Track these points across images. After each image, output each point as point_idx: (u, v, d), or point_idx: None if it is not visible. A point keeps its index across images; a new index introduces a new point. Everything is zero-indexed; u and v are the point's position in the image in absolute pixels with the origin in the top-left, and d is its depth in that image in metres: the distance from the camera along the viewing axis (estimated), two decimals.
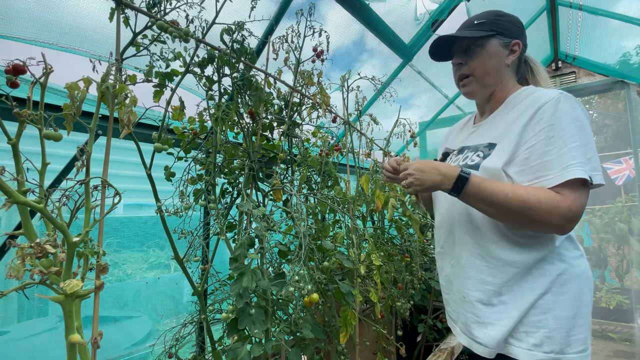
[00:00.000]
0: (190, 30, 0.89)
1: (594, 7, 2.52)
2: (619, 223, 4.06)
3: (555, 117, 0.84)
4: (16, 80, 0.61)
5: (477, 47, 0.98)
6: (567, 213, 0.79)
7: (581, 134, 0.82)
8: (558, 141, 0.82)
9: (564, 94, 0.86)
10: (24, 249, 0.58)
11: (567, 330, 0.86)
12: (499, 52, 0.97)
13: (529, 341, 0.88)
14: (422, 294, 2.04)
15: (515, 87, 1.00)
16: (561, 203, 0.80)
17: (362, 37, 1.98)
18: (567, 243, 0.90)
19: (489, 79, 0.99)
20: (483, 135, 0.99)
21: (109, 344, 1.98)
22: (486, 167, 0.91)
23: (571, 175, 0.79)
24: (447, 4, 2.04)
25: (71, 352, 0.64)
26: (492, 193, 0.85)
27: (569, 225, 0.81)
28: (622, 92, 3.16)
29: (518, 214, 0.84)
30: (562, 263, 0.88)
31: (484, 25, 0.97)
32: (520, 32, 1.00)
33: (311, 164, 1.36)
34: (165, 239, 0.95)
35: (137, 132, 0.85)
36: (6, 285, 1.16)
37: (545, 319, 0.87)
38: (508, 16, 1.00)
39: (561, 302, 0.87)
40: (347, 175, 1.52)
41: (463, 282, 0.99)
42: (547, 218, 0.80)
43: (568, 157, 0.81)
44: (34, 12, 1.03)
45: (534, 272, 0.89)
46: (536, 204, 0.81)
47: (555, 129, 0.83)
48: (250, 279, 0.85)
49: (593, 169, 0.81)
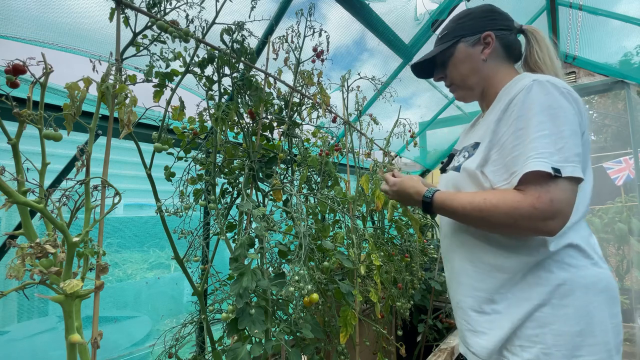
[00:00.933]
0: (190, 30, 0.89)
1: (594, 7, 2.52)
2: (619, 223, 4.06)
3: (525, 106, 0.76)
4: (16, 80, 0.61)
5: (446, 58, 0.98)
6: (533, 212, 0.71)
7: (552, 122, 0.73)
8: (524, 134, 0.75)
9: (539, 80, 0.77)
10: (24, 249, 0.58)
11: (571, 349, 0.76)
12: (469, 53, 0.94)
13: (523, 356, 0.80)
14: (422, 294, 2.04)
15: (508, 77, 0.92)
16: (522, 203, 0.72)
17: (362, 36, 1.98)
18: (570, 250, 0.80)
19: (470, 81, 0.97)
20: (475, 134, 0.96)
21: (109, 344, 1.98)
22: (465, 168, 0.88)
23: (525, 168, 0.72)
24: (447, 4, 2.04)
25: (71, 352, 0.64)
26: (453, 209, 0.84)
27: (543, 224, 0.72)
28: (622, 92, 3.16)
29: (483, 223, 0.80)
30: (563, 272, 0.79)
31: (447, 36, 0.97)
32: (488, 21, 0.94)
33: (311, 164, 1.36)
34: (165, 239, 0.95)
35: (137, 132, 0.85)
36: (6, 285, 1.16)
37: (543, 334, 0.78)
38: (471, 13, 0.96)
39: (562, 316, 0.78)
40: (347, 175, 1.52)
41: (456, 288, 0.96)
42: (512, 222, 0.74)
43: (529, 148, 0.73)
44: (33, 11, 1.03)
45: (529, 280, 0.81)
46: (493, 209, 0.76)
47: (522, 119, 0.76)
48: (250, 279, 0.85)
49: (564, 160, 0.71)
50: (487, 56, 0.93)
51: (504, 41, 0.94)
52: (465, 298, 0.92)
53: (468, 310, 0.91)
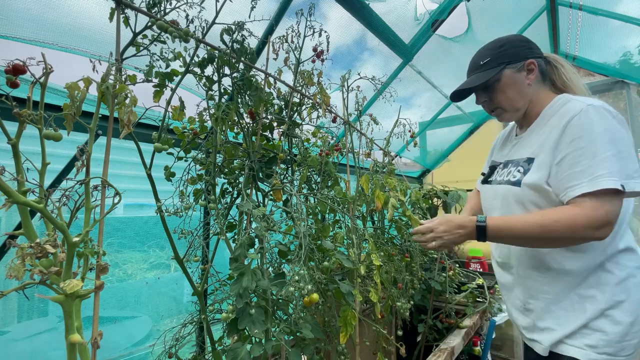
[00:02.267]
0: (190, 30, 0.89)
1: (594, 7, 2.51)
2: None
3: (584, 128, 0.86)
4: (16, 80, 0.61)
5: (493, 83, 1.04)
6: (589, 222, 0.82)
7: (612, 143, 0.84)
8: (587, 152, 0.85)
9: (593, 105, 0.88)
10: (24, 249, 0.58)
11: (623, 335, 0.90)
12: (516, 79, 1.02)
13: (583, 341, 0.92)
14: (422, 294, 2.04)
15: (549, 99, 1.03)
16: (579, 216, 0.83)
17: (363, 35, 1.97)
18: (625, 252, 0.93)
19: (517, 104, 1.05)
20: (523, 150, 1.05)
21: (109, 344, 1.98)
22: (527, 183, 0.97)
23: (601, 185, 0.82)
24: (447, 4, 2.04)
25: (71, 352, 0.64)
26: (510, 229, 0.92)
27: (599, 232, 0.83)
28: (622, 92, 3.16)
29: (544, 239, 0.89)
30: (621, 272, 0.91)
31: (490, 63, 1.03)
32: (526, 48, 1.03)
33: (311, 164, 1.36)
34: (165, 239, 0.95)
35: (137, 132, 0.85)
36: (6, 285, 1.16)
37: (603, 324, 0.91)
38: (508, 42, 1.04)
39: (620, 309, 0.90)
40: (347, 175, 1.52)
41: (523, 291, 1.06)
42: (572, 233, 0.84)
43: (599, 167, 0.83)
44: (33, 11, 1.03)
45: (591, 281, 0.93)
46: (553, 224, 0.85)
47: (583, 140, 0.86)
48: (250, 279, 0.85)
49: (626, 177, 0.82)
50: (532, 81, 1.03)
51: (540, 67, 1.04)
52: (531, 300, 1.03)
53: (536, 310, 1.02)
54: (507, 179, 1.05)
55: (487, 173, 1.18)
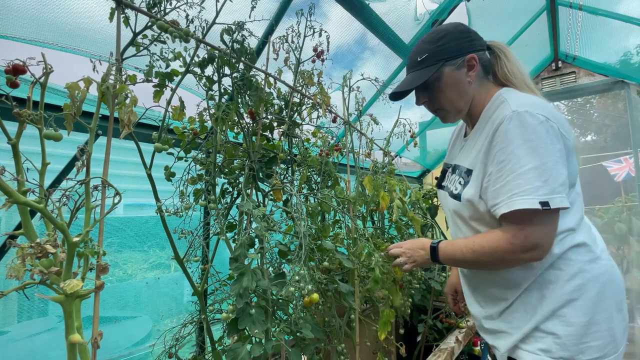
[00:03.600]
0: (190, 30, 0.89)
1: (594, 7, 2.51)
2: (619, 223, 4.05)
3: (506, 139, 0.80)
4: (16, 80, 0.61)
5: (432, 83, 0.95)
6: (510, 247, 0.79)
7: (533, 155, 0.76)
8: (506, 167, 0.79)
9: (517, 111, 0.80)
10: (24, 249, 0.58)
11: (579, 337, 0.83)
12: (456, 77, 0.93)
13: (536, 346, 0.87)
14: (422, 294, 2.04)
15: (489, 96, 0.94)
16: (500, 241, 0.81)
17: (364, 34, 1.97)
18: (576, 248, 0.86)
19: (458, 105, 0.96)
20: (466, 157, 0.98)
21: (109, 344, 1.98)
22: (466, 198, 0.93)
23: (515, 206, 0.76)
24: (447, 4, 2.04)
25: (71, 352, 0.63)
26: (452, 252, 0.93)
27: (527, 255, 0.80)
28: (622, 92, 3.16)
29: (477, 263, 0.89)
30: (570, 268, 0.85)
31: (428, 60, 0.93)
32: (468, 40, 0.94)
33: (311, 164, 1.36)
34: (165, 239, 0.95)
35: (137, 132, 0.85)
36: (6, 285, 1.16)
37: (555, 326, 0.85)
38: (449, 34, 0.94)
39: (572, 308, 0.84)
40: (347, 175, 1.51)
41: (479, 296, 1.05)
42: (500, 258, 0.82)
43: (513, 185, 0.77)
44: (33, 11, 1.03)
45: (540, 280, 0.88)
46: (480, 249, 0.84)
47: (504, 152, 0.80)
48: (251, 279, 0.85)
49: (550, 192, 0.75)
50: (473, 78, 0.94)
51: (482, 61, 0.95)
52: (486, 308, 1.00)
53: (490, 317, 0.99)
54: (451, 190, 1.01)
55: (439, 177, 1.13)
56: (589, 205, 5.03)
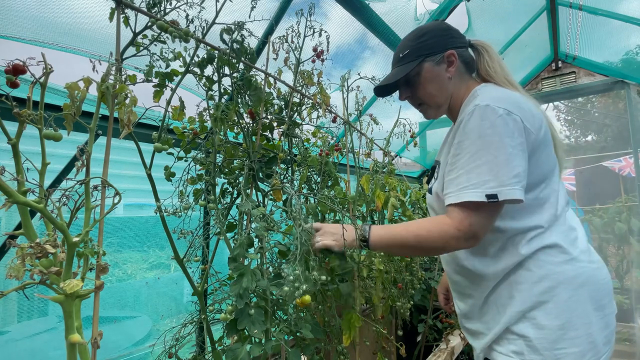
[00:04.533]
0: (190, 30, 0.89)
1: (594, 7, 2.51)
2: (619, 223, 4.06)
3: (463, 133, 0.83)
4: (16, 80, 0.61)
5: (413, 77, 0.98)
6: (456, 233, 0.81)
7: (486, 150, 0.79)
8: (460, 160, 0.83)
9: (479, 105, 0.81)
10: (24, 249, 0.58)
11: (552, 342, 0.81)
12: (435, 72, 0.96)
13: (509, 348, 0.87)
14: (422, 294, 2.04)
15: (468, 91, 0.96)
16: (448, 227, 0.82)
17: (364, 34, 1.97)
18: (547, 249, 0.85)
19: (438, 100, 0.99)
20: (442, 152, 1.02)
21: (109, 344, 1.98)
22: (434, 191, 0.97)
23: (463, 197, 0.80)
24: (447, 4, 2.04)
25: (71, 352, 0.63)
26: (390, 235, 0.91)
27: (467, 243, 0.82)
28: (622, 92, 3.16)
29: (420, 248, 0.89)
30: (540, 269, 0.84)
31: (409, 56, 0.97)
32: (448, 37, 0.96)
33: (311, 164, 1.36)
34: (165, 238, 0.95)
35: (137, 132, 0.85)
36: (6, 285, 1.16)
37: (526, 327, 0.84)
38: (429, 31, 0.97)
39: (542, 311, 0.83)
40: (347, 175, 1.51)
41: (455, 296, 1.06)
42: (444, 243, 0.83)
43: (464, 178, 0.81)
44: (33, 11, 1.03)
45: (511, 280, 0.87)
46: (426, 234, 0.85)
47: (460, 146, 0.83)
48: (250, 279, 0.85)
49: (499, 185, 0.77)
50: (453, 74, 0.96)
51: (463, 57, 0.97)
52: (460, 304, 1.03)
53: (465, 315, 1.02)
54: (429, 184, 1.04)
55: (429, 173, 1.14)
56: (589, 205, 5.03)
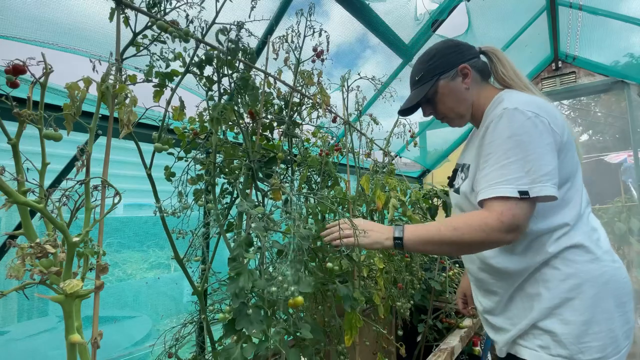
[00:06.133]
0: (190, 30, 0.89)
1: (594, 7, 2.51)
2: (619, 223, 4.05)
3: (494, 134, 0.87)
4: (16, 80, 0.61)
5: (432, 96, 1.06)
6: (498, 225, 0.82)
7: (517, 148, 0.83)
8: (492, 159, 0.86)
9: (509, 109, 0.86)
10: (24, 249, 0.58)
11: (577, 336, 0.85)
12: (452, 87, 1.03)
13: (535, 342, 0.91)
14: (422, 294, 2.04)
15: (491, 97, 1.01)
16: (489, 218, 0.83)
17: (365, 33, 1.97)
18: (573, 248, 0.89)
19: (460, 110, 1.05)
20: (468, 154, 1.08)
21: (109, 344, 1.98)
22: (463, 190, 1.01)
23: (495, 193, 0.83)
24: (447, 4, 2.04)
25: (71, 352, 0.64)
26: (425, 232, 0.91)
27: (509, 235, 0.83)
28: (622, 92, 3.16)
29: (458, 243, 0.88)
30: (567, 268, 0.88)
31: (424, 78, 1.05)
32: (457, 54, 1.03)
33: (311, 164, 1.36)
34: (165, 238, 0.95)
35: (137, 132, 0.85)
36: (6, 285, 1.16)
37: (552, 323, 0.88)
38: (438, 52, 1.05)
39: (569, 307, 0.87)
40: (347, 175, 1.51)
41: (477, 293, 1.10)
42: (484, 235, 0.83)
43: (496, 175, 0.84)
44: (33, 11, 1.03)
45: (536, 277, 0.91)
46: (465, 227, 0.86)
47: (492, 146, 0.87)
48: (247, 278, 0.85)
49: (531, 182, 0.81)
50: (469, 84, 1.03)
51: (476, 67, 1.04)
52: (485, 301, 1.06)
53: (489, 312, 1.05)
54: (455, 186, 1.09)
55: (450, 177, 1.20)
56: None
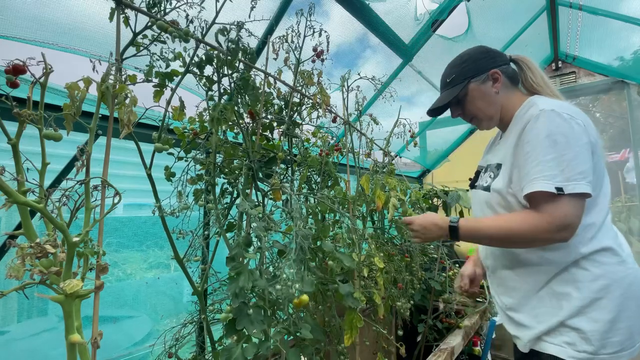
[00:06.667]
0: (190, 30, 0.89)
1: (594, 7, 2.52)
2: (619, 223, 4.05)
3: (533, 133, 0.91)
4: (16, 80, 0.61)
5: (462, 98, 1.10)
6: (548, 226, 0.86)
7: (554, 147, 0.87)
8: (530, 157, 0.90)
9: (546, 110, 0.91)
10: (24, 249, 0.58)
11: (603, 333, 0.89)
12: (482, 90, 1.08)
13: (562, 339, 0.93)
14: (422, 294, 2.04)
15: (519, 102, 1.05)
16: (539, 219, 0.87)
17: (365, 33, 1.97)
18: (603, 252, 0.93)
19: (489, 113, 1.09)
20: (496, 155, 1.10)
21: (109, 344, 1.98)
22: (495, 188, 1.02)
23: (534, 187, 0.87)
24: (447, 4, 2.04)
25: (71, 352, 0.64)
26: (479, 230, 0.98)
27: (560, 234, 0.86)
28: (623, 92, 3.16)
29: (507, 239, 0.94)
30: (596, 269, 0.92)
31: (455, 80, 1.10)
32: (489, 59, 1.08)
33: (311, 164, 1.36)
34: (164, 238, 0.95)
35: (137, 132, 0.85)
36: (6, 285, 1.16)
37: (580, 322, 0.91)
38: (470, 57, 1.10)
39: (597, 306, 0.90)
40: (347, 175, 1.51)
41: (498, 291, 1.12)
42: (534, 236, 0.88)
43: (535, 170, 0.88)
44: (33, 11, 1.03)
45: (565, 277, 0.94)
46: (517, 227, 0.90)
47: (530, 144, 0.91)
48: (247, 278, 0.84)
49: (565, 179, 0.85)
50: (499, 89, 1.07)
51: (506, 73, 1.09)
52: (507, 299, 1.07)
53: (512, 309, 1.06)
54: (482, 184, 1.12)
55: (473, 178, 1.24)
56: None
